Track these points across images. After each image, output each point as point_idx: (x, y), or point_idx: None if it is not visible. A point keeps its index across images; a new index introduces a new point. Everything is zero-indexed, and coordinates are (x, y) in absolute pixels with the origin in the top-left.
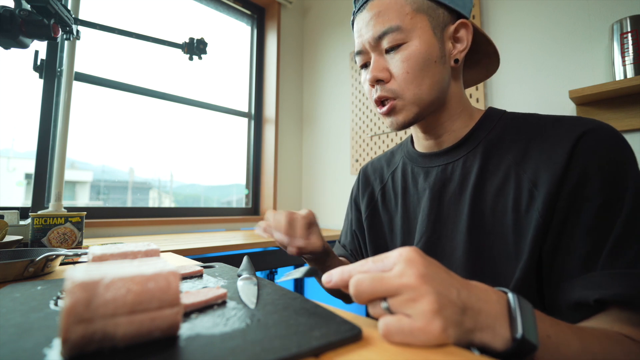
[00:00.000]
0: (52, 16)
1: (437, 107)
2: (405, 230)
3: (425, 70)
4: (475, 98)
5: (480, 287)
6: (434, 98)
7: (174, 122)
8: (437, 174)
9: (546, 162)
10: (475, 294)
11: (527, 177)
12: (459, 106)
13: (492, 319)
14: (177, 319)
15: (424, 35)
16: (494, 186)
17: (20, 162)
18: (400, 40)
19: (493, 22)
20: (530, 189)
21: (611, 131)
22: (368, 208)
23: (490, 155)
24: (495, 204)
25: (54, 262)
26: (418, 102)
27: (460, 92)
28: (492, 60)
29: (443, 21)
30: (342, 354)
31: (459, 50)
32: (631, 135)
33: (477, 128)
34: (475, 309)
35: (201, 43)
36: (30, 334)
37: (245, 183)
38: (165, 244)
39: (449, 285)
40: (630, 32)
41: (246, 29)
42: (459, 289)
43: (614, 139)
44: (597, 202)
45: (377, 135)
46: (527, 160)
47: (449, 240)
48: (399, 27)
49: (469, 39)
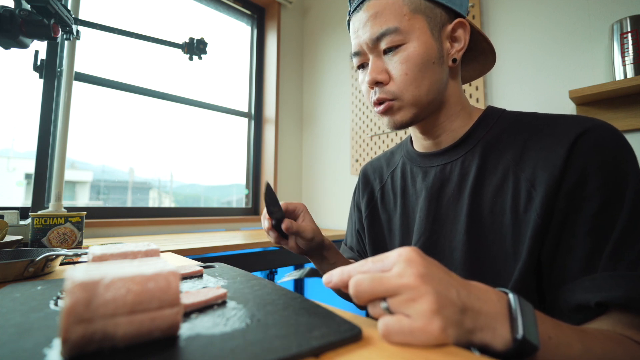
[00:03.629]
0: (52, 16)
1: (435, 107)
2: (404, 230)
3: (424, 71)
4: (475, 98)
5: (480, 287)
6: (432, 99)
7: (174, 122)
8: (435, 174)
9: (544, 161)
10: (475, 294)
11: (525, 176)
12: (457, 106)
13: (492, 319)
14: (177, 319)
15: (422, 37)
16: (492, 186)
17: (20, 162)
18: (398, 41)
19: (493, 22)
20: (528, 189)
21: (611, 130)
22: (368, 208)
23: (489, 155)
24: (494, 204)
25: (54, 262)
26: (417, 103)
27: (458, 91)
28: (487, 57)
29: (440, 21)
30: (342, 354)
31: (457, 49)
32: (631, 135)
33: (476, 128)
34: (475, 309)
35: (201, 43)
36: (30, 334)
37: (245, 183)
38: (165, 244)
39: (449, 285)
40: (630, 32)
41: (246, 29)
42: (458, 289)
43: (614, 137)
44: (596, 202)
45: (377, 135)
46: (525, 160)
47: (448, 241)
48: (397, 29)
49: (466, 38)
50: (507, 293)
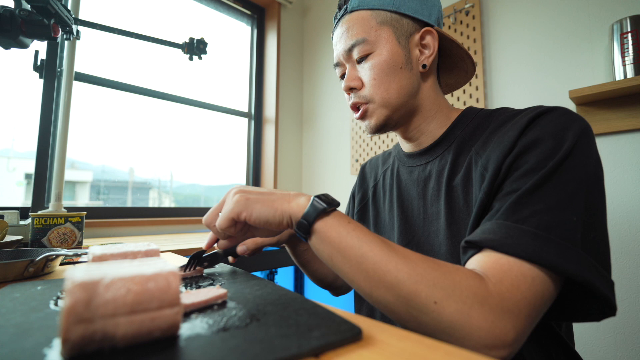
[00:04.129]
0: (52, 16)
1: (409, 110)
2: (390, 227)
3: (390, 75)
4: (475, 98)
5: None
6: (402, 101)
7: (174, 122)
8: (418, 172)
9: (498, 144)
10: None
11: (482, 162)
12: (433, 108)
13: (279, 199)
14: (177, 319)
15: (388, 45)
16: (461, 179)
17: (20, 162)
18: (367, 51)
19: (493, 22)
20: (482, 172)
21: (567, 113)
22: (360, 204)
23: (461, 151)
24: (465, 195)
25: (54, 262)
26: (386, 104)
27: (433, 94)
28: (467, 63)
29: (408, 30)
30: (342, 354)
31: (427, 56)
32: (631, 135)
33: (453, 127)
34: (267, 194)
35: (201, 43)
36: (30, 334)
37: (245, 183)
38: (165, 244)
39: (254, 190)
40: (630, 32)
41: (246, 29)
42: (261, 191)
43: (566, 119)
44: (525, 168)
45: (377, 135)
46: (485, 148)
47: (435, 237)
48: (365, 40)
49: (434, 45)
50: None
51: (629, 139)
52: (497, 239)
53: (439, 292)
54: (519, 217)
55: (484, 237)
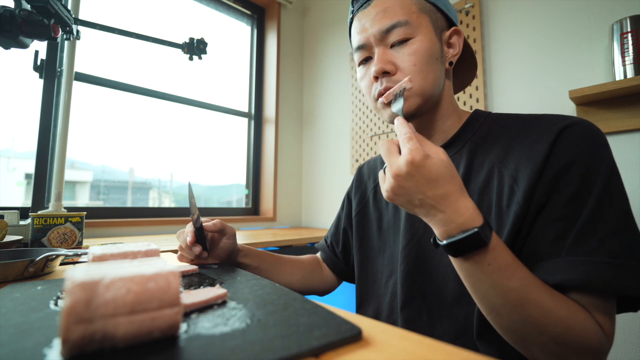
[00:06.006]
0: (52, 16)
1: (433, 104)
2: (396, 228)
3: (429, 64)
4: (475, 98)
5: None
6: (435, 93)
7: (174, 122)
8: None
9: (527, 157)
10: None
11: (509, 173)
12: (450, 106)
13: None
14: (177, 319)
15: (429, 34)
16: (478, 185)
17: (20, 162)
18: (407, 34)
19: (493, 22)
20: (511, 184)
21: (591, 127)
22: (359, 205)
23: (475, 155)
24: (481, 201)
25: (54, 262)
26: (423, 93)
27: (451, 93)
28: (468, 72)
29: (441, 25)
30: (342, 354)
31: (453, 54)
32: (631, 135)
33: (464, 129)
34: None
35: (201, 43)
36: (30, 334)
37: (245, 183)
38: (165, 244)
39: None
40: (630, 32)
41: (246, 29)
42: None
43: (594, 134)
44: (569, 192)
45: (377, 135)
46: (509, 158)
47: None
48: (407, 22)
49: (460, 44)
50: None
51: (629, 139)
52: (577, 278)
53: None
54: (587, 249)
55: (564, 277)
